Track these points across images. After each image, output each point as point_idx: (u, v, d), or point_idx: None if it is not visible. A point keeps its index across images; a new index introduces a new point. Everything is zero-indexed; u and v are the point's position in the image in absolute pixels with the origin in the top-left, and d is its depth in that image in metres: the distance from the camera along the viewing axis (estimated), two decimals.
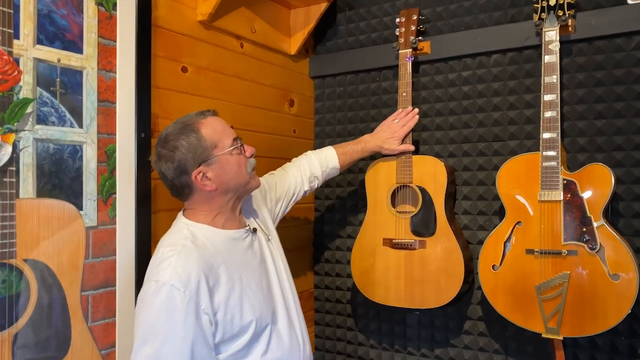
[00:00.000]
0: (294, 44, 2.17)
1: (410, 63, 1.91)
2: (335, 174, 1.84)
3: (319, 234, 2.31)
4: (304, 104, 2.29)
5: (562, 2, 1.65)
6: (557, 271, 1.60)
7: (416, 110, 1.87)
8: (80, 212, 1.35)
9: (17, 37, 1.21)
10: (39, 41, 1.26)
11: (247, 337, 1.26)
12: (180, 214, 1.40)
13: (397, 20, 1.98)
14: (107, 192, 1.41)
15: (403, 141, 1.87)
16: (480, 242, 1.86)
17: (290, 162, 1.79)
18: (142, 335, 1.16)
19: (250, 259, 1.37)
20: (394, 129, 1.87)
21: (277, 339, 1.34)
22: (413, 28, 1.93)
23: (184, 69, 1.70)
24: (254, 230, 1.43)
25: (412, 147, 1.87)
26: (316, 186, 1.79)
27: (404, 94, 1.90)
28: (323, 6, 2.11)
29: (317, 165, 1.77)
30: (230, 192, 1.34)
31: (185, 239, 1.26)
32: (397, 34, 1.96)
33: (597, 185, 1.57)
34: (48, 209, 1.28)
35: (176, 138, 1.27)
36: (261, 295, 1.34)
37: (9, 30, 1.19)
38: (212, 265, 1.24)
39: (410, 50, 1.92)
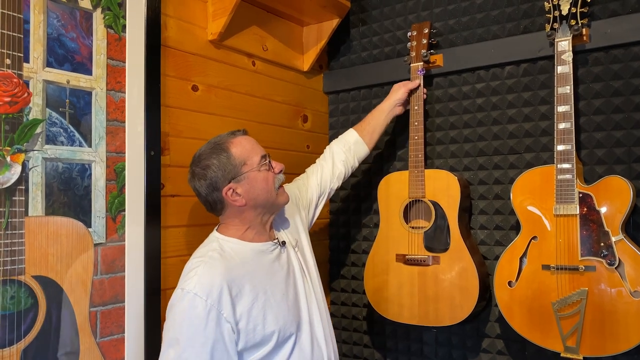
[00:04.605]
0: (306, 61, 2.19)
1: (422, 76, 1.90)
2: (364, 149, 1.85)
3: (335, 249, 2.30)
4: (318, 119, 2.29)
5: (574, 11, 1.61)
6: (575, 288, 1.55)
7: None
8: (89, 229, 1.38)
9: (27, 60, 1.26)
10: (48, 64, 1.30)
11: (270, 346, 1.31)
12: (215, 228, 1.46)
13: (409, 34, 1.97)
14: (116, 210, 1.44)
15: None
16: (497, 258, 1.81)
17: (320, 157, 1.83)
18: (168, 339, 1.25)
19: (276, 270, 1.42)
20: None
21: (299, 350, 1.37)
22: (425, 41, 1.92)
23: (195, 88, 1.72)
24: (283, 243, 1.48)
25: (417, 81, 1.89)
26: (349, 169, 1.82)
27: (416, 107, 1.88)
28: (335, 22, 2.12)
29: (338, 150, 1.80)
30: (260, 207, 1.41)
31: (213, 251, 1.34)
32: (409, 47, 1.96)
33: (614, 199, 1.52)
34: (57, 226, 1.31)
35: (208, 157, 1.36)
36: (286, 307, 1.38)
37: (19, 54, 1.24)
38: (236, 275, 1.30)
39: (422, 63, 1.91)
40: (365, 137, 1.84)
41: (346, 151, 1.80)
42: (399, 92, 1.89)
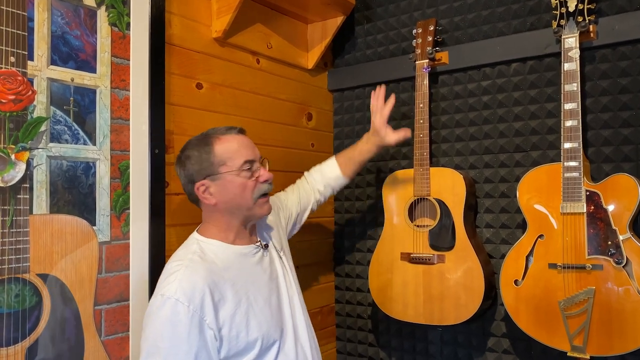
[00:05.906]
0: (311, 58, 2.18)
1: (427, 74, 1.89)
2: (343, 182, 1.76)
3: (339, 248, 2.29)
4: (323, 117, 2.29)
5: (581, 8, 1.60)
6: (582, 286, 1.53)
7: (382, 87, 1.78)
8: (94, 227, 1.38)
9: (31, 58, 1.25)
10: (52, 62, 1.30)
11: (253, 353, 1.26)
12: (196, 229, 1.40)
13: (414, 31, 1.96)
14: (120, 208, 1.43)
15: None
16: (504, 256, 1.79)
17: (299, 179, 1.77)
18: (148, 348, 1.18)
19: (259, 274, 1.36)
20: (378, 107, 1.74)
21: (283, 356, 1.32)
22: (430, 39, 1.91)
23: (199, 86, 1.72)
24: (265, 246, 1.42)
25: (408, 134, 1.71)
26: (323, 200, 1.75)
27: (421, 105, 1.87)
28: (340, 20, 2.11)
29: (319, 179, 1.74)
30: (235, 213, 1.33)
31: (194, 254, 1.27)
32: (414, 45, 1.94)
33: (622, 197, 1.50)
34: (61, 224, 1.30)
35: (192, 147, 1.33)
36: (269, 312, 1.32)
37: (23, 52, 1.24)
38: (218, 280, 1.24)
39: (427, 60, 1.90)
40: (347, 171, 1.74)
41: (325, 185, 1.73)
42: (390, 137, 1.72)
